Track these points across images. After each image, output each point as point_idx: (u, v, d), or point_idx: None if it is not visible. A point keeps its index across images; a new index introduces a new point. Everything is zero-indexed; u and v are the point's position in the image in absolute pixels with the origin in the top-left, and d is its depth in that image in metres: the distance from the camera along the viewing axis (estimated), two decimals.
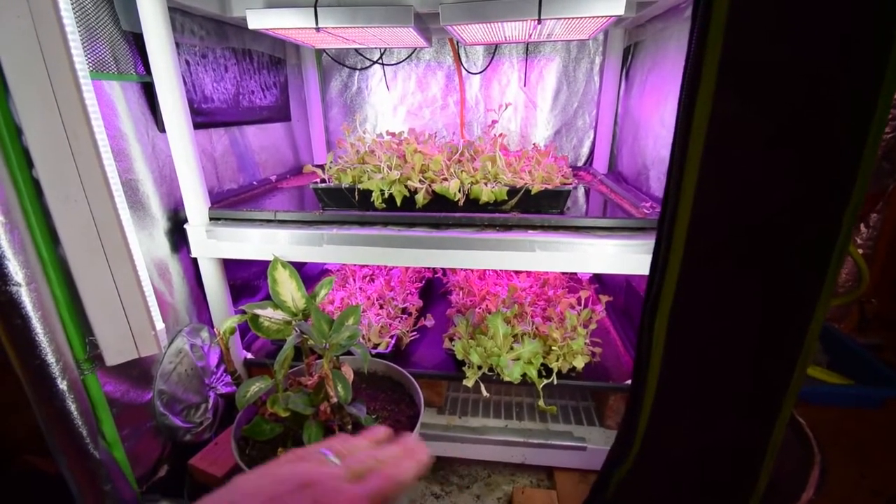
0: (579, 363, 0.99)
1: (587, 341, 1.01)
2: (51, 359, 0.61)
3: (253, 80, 1.24)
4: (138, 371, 0.83)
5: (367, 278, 1.35)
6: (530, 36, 1.21)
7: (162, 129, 0.89)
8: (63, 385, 0.62)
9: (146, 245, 0.86)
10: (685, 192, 0.46)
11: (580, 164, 1.57)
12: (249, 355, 1.10)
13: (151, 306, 0.72)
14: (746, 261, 0.47)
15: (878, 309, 1.66)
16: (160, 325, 0.74)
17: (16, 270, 0.57)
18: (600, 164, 1.48)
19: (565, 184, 0.93)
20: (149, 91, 0.88)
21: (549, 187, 0.91)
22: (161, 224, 0.90)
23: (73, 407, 0.64)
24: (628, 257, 0.84)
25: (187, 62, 0.98)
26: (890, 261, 1.58)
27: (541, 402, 0.99)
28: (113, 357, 0.70)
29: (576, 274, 1.49)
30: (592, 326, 1.04)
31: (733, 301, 0.49)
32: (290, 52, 1.46)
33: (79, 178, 0.61)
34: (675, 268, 0.49)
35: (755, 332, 0.50)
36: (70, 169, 0.61)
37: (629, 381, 1.00)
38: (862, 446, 1.19)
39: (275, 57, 1.36)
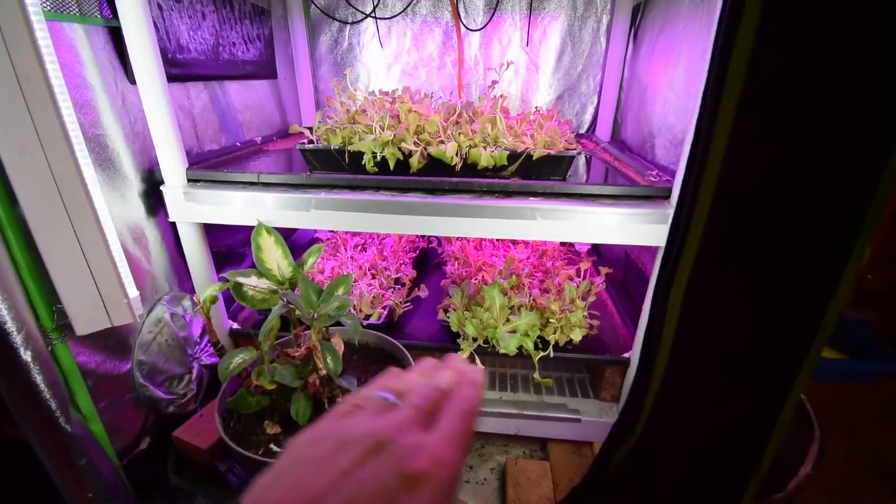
0: (577, 336, 0.96)
1: (585, 314, 0.98)
2: (11, 327, 0.56)
3: (234, 31, 1.14)
4: (115, 341, 0.78)
5: (359, 247, 1.30)
6: None
7: (133, 80, 0.81)
8: (27, 356, 0.58)
9: (118, 207, 0.79)
10: (713, 153, 0.41)
11: (582, 131, 1.50)
12: (236, 325, 1.06)
13: (123, 272, 0.66)
14: (774, 232, 0.43)
15: (874, 285, 1.65)
16: (133, 292, 0.69)
17: None
18: (603, 132, 1.42)
19: (569, 149, 0.88)
20: (117, 37, 0.80)
21: (553, 152, 0.86)
22: (135, 185, 0.84)
23: (39, 378, 0.59)
24: (634, 227, 0.80)
25: (159, 6, 0.89)
26: (888, 237, 1.56)
27: (536, 375, 0.97)
28: (83, 326, 0.65)
29: (573, 245, 1.45)
30: (591, 299, 1.00)
31: (756, 275, 0.45)
32: (276, 2, 1.36)
33: (34, 128, 0.55)
34: (695, 237, 0.44)
35: (775, 309, 0.47)
36: (23, 117, 0.54)
37: (626, 354, 0.98)
38: (854, 421, 1.20)
39: (258, 6, 1.26)
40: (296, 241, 1.50)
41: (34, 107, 0.55)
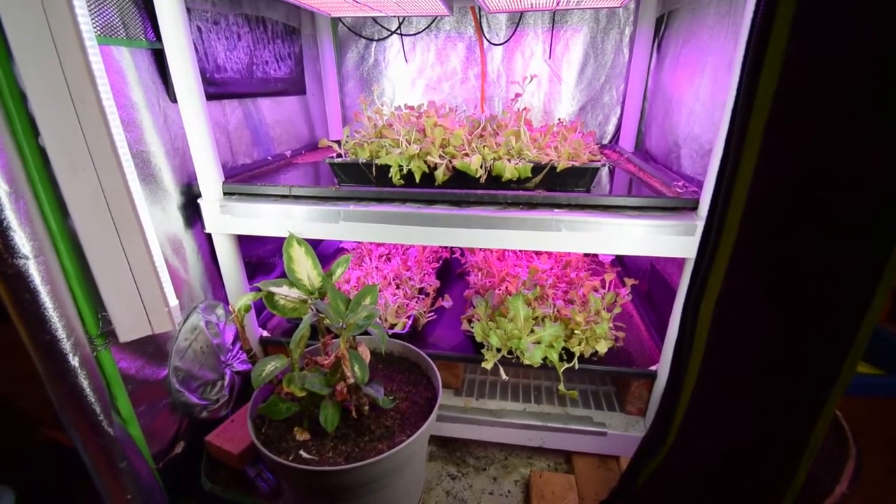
0: (602, 348, 0.95)
1: (611, 326, 0.97)
2: (61, 334, 0.59)
3: (267, 50, 1.19)
4: (153, 348, 0.81)
5: (384, 258, 1.32)
6: (557, 2, 1.14)
7: (174, 98, 0.85)
8: (75, 361, 0.61)
9: (159, 219, 0.83)
10: (743, 169, 0.41)
11: (605, 141, 1.50)
12: (265, 333, 1.09)
13: (164, 282, 0.70)
14: (805, 247, 0.43)
15: None
16: (174, 301, 0.72)
17: (22, 242, 0.55)
18: (627, 142, 1.42)
19: (593, 160, 0.88)
20: (160, 59, 0.84)
21: (577, 164, 0.86)
22: (174, 198, 0.88)
23: (85, 383, 0.62)
24: (660, 238, 0.79)
25: (199, 29, 0.94)
26: None
27: (561, 387, 0.96)
28: (126, 333, 0.68)
29: (597, 256, 1.44)
30: (617, 310, 1.00)
31: (787, 289, 0.45)
32: (305, 21, 1.41)
33: (86, 147, 0.58)
34: (726, 251, 0.44)
35: (807, 323, 0.46)
36: (77, 137, 0.58)
37: (654, 367, 0.97)
38: (892, 438, 1.15)
39: (289, 26, 1.31)
40: (321, 252, 1.53)
41: (87, 127, 0.58)
